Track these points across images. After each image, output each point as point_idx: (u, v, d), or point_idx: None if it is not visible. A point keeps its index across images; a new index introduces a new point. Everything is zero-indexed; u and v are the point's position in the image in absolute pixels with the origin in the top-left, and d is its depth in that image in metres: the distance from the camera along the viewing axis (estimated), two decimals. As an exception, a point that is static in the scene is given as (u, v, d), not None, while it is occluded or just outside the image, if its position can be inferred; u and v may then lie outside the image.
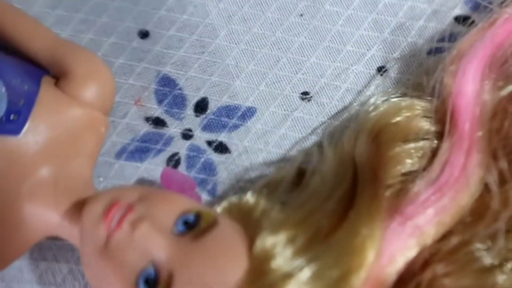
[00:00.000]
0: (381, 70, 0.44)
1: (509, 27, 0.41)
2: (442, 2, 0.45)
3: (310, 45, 0.45)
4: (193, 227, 0.33)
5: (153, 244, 0.33)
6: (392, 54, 0.44)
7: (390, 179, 0.38)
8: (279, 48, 0.45)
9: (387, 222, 0.36)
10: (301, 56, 0.44)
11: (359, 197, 0.36)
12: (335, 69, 0.44)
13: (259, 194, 0.38)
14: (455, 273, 0.36)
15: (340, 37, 0.45)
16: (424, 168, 0.38)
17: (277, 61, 0.44)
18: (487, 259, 0.36)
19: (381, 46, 0.44)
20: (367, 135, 0.39)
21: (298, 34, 0.45)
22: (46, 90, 0.37)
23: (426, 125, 0.40)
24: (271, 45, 0.45)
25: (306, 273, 0.33)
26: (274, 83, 0.44)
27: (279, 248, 0.34)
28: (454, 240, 0.36)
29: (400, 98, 0.41)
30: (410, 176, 0.38)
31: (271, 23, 0.45)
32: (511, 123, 0.39)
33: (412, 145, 0.39)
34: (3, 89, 0.35)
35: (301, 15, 0.45)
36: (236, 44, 0.45)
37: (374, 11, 0.45)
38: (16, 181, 0.36)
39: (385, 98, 0.42)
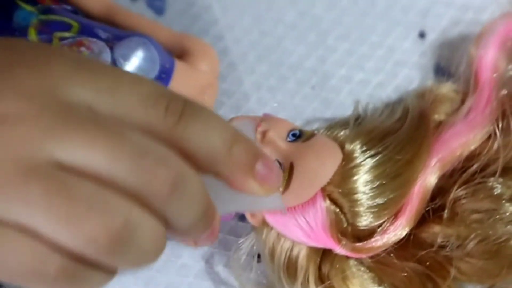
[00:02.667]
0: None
1: None
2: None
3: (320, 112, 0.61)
4: (299, 138, 0.47)
5: (277, 146, 0.46)
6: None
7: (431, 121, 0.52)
8: (296, 111, 0.60)
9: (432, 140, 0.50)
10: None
11: (410, 120, 0.50)
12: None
13: (330, 128, 0.51)
14: (471, 197, 0.48)
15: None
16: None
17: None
18: (498, 190, 0.48)
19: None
20: (415, 94, 0.55)
21: (311, 102, 0.61)
22: (178, 61, 0.51)
23: (455, 95, 0.55)
24: (291, 108, 0.60)
25: (378, 157, 0.47)
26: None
27: (358, 146, 0.47)
28: (472, 168, 0.49)
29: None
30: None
31: (289, 92, 0.61)
32: None
33: (446, 104, 0.54)
34: (158, 57, 0.49)
35: (313, 87, 0.61)
36: (263, 106, 0.60)
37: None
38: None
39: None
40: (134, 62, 0.47)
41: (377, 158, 0.47)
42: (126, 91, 0.28)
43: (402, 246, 0.48)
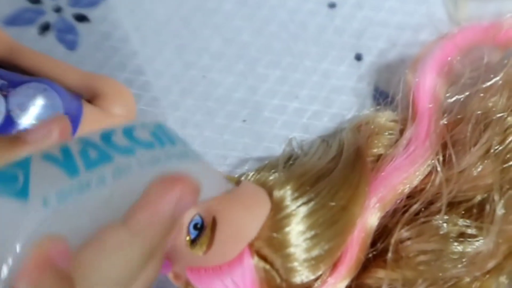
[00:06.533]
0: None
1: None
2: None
3: (253, 147, 0.57)
4: None
5: None
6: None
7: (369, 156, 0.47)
8: (225, 148, 0.56)
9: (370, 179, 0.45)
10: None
11: (344, 159, 0.46)
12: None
13: (259, 171, 0.46)
14: (416, 237, 0.44)
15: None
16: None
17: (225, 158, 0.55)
18: (445, 229, 0.44)
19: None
20: (350, 128, 0.50)
21: (243, 137, 0.56)
22: (87, 106, 0.45)
23: (393, 125, 0.50)
24: (220, 145, 0.56)
25: (311, 204, 0.42)
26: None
27: (289, 192, 0.42)
28: (415, 206, 0.45)
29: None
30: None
31: (218, 128, 0.56)
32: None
33: (384, 136, 0.49)
34: (61, 104, 0.43)
35: (244, 120, 0.57)
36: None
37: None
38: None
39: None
40: (32, 112, 0.42)
41: (310, 205, 0.42)
42: None
43: (344, 298, 0.43)
